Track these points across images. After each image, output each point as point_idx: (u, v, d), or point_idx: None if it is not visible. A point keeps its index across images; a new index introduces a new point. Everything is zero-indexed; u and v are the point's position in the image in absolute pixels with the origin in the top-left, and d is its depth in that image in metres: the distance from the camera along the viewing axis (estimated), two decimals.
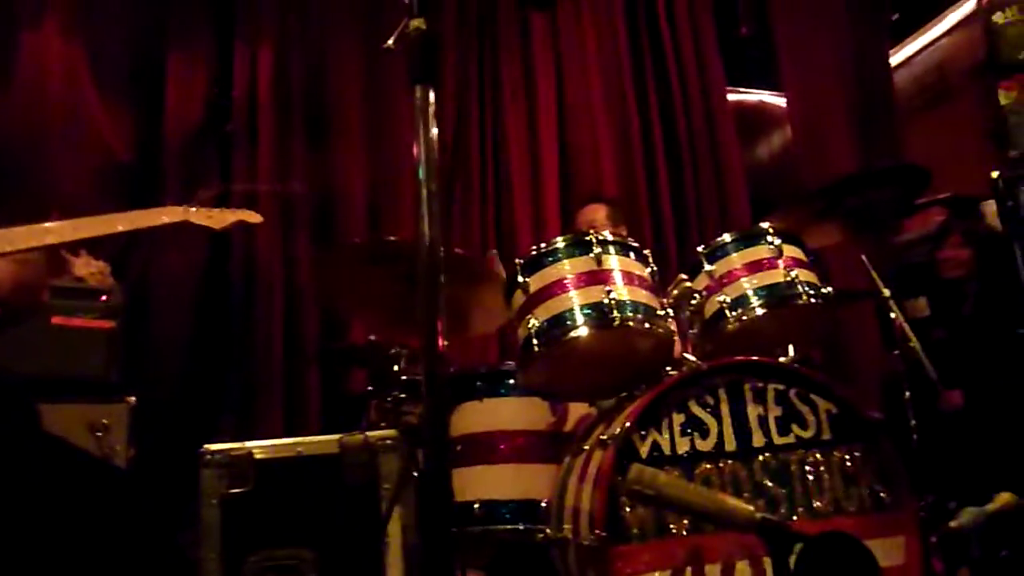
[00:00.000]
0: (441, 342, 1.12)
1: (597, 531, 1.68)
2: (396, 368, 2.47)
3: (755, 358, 1.91)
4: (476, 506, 2.24)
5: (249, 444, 1.53)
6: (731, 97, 4.96)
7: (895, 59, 4.70)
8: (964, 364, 3.08)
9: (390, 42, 1.04)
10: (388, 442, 1.56)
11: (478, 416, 2.36)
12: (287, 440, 1.61)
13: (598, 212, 3.19)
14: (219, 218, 1.78)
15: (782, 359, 1.93)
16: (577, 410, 2.36)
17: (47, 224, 1.49)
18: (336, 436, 1.53)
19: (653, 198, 4.12)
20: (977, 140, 4.16)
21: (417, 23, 1.00)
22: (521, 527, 2.20)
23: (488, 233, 3.78)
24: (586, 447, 1.99)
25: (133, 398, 2.44)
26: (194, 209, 1.75)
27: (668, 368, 2.08)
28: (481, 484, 2.28)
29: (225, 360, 3.24)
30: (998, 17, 2.76)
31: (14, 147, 3.21)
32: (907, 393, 2.44)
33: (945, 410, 3.01)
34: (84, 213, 2.86)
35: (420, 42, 1.00)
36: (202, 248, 3.25)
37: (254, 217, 1.90)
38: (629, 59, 4.34)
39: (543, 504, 2.15)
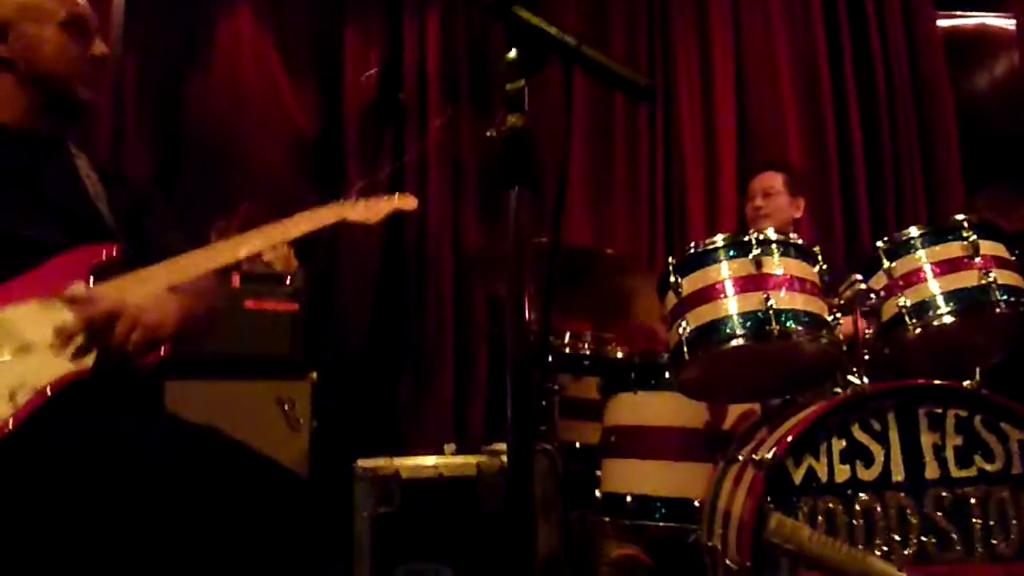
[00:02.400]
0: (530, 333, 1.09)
1: (742, 560, 1.63)
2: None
3: (933, 381, 1.72)
4: (628, 499, 2.25)
5: (396, 462, 1.62)
6: (944, 22, 4.36)
7: None
8: None
9: (491, 132, 1.01)
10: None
11: (632, 408, 2.35)
12: (430, 461, 1.69)
13: (774, 180, 2.95)
14: (375, 209, 1.80)
15: (966, 383, 1.71)
16: (737, 407, 2.27)
17: (211, 247, 1.54)
18: (475, 459, 1.58)
19: (843, 154, 3.76)
20: None
21: (514, 119, 0.97)
22: (674, 525, 2.18)
23: (657, 215, 3.64)
24: (740, 457, 1.91)
25: (315, 374, 2.66)
26: (351, 202, 1.78)
27: (837, 375, 1.94)
28: (633, 477, 2.28)
29: (401, 335, 3.44)
30: None
31: (214, 132, 3.52)
32: None
33: None
34: (275, 197, 3.14)
35: (514, 143, 0.96)
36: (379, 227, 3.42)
37: (409, 203, 1.92)
38: None
39: (696, 504, 2.12)
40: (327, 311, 3.35)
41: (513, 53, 1.01)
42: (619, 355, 2.73)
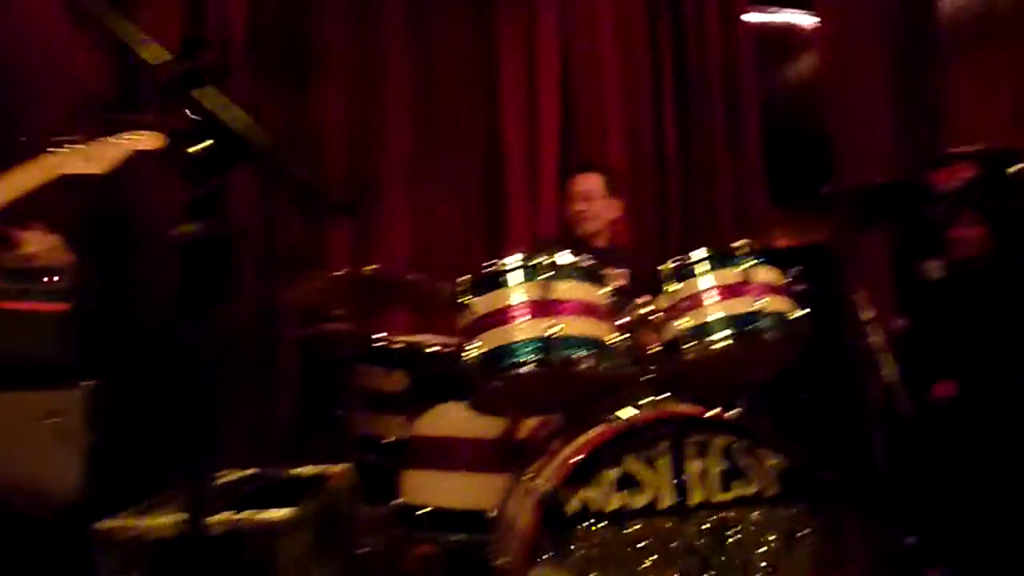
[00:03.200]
0: None
1: None
2: None
3: (700, 412, 1.80)
4: (424, 511, 2.24)
5: (143, 523, 1.48)
6: (755, 18, 4.54)
7: None
8: (962, 354, 2.91)
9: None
10: (288, 524, 1.50)
11: (432, 419, 2.33)
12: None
13: (593, 182, 2.96)
14: (103, 156, 1.55)
15: (729, 413, 1.80)
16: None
17: None
18: (229, 515, 1.48)
19: (659, 151, 3.85)
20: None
21: (191, 228, 0.84)
22: (467, 538, 2.19)
23: (479, 209, 3.58)
24: (527, 475, 1.94)
25: (92, 381, 2.42)
26: (74, 148, 1.52)
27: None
28: (431, 489, 2.28)
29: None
30: None
31: None
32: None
33: (936, 402, 2.88)
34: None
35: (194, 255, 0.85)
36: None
37: (151, 142, 1.67)
38: None
39: (490, 516, 2.13)
40: (119, 310, 3.05)
41: (200, 145, 0.86)
42: (435, 349, 2.69)
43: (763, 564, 1.77)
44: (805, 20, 4.62)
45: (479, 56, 3.66)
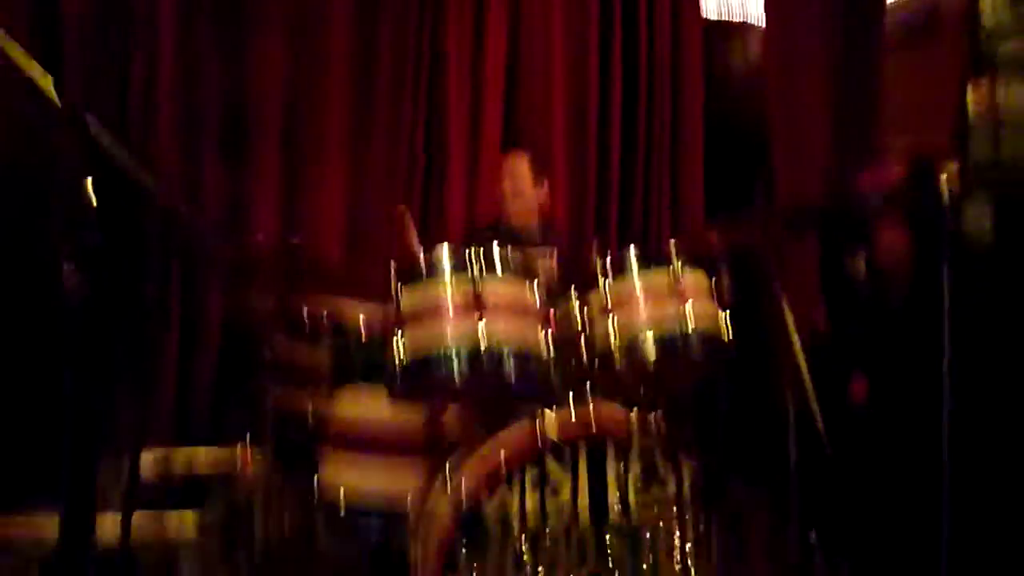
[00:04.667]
0: None
1: None
2: None
3: (621, 415, 1.82)
4: (343, 492, 2.21)
5: (34, 525, 1.40)
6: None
7: None
8: (879, 358, 3.00)
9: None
10: (191, 530, 1.45)
11: (354, 401, 2.28)
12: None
13: (521, 164, 2.95)
14: None
15: (649, 417, 1.82)
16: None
17: None
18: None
19: (602, 135, 3.83)
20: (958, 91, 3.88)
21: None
22: (383, 523, 2.17)
23: (415, 187, 3.49)
24: (447, 469, 1.92)
25: None
26: None
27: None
28: (349, 471, 2.24)
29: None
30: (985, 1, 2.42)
31: None
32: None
33: (851, 402, 2.97)
34: None
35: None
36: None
37: None
38: None
39: (408, 500, 2.11)
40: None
41: (93, 192, 0.78)
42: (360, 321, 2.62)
43: (677, 566, 1.80)
44: (755, 11, 4.63)
45: (424, 28, 3.54)
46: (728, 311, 2.05)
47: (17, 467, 2.15)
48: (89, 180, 0.82)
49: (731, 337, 2.01)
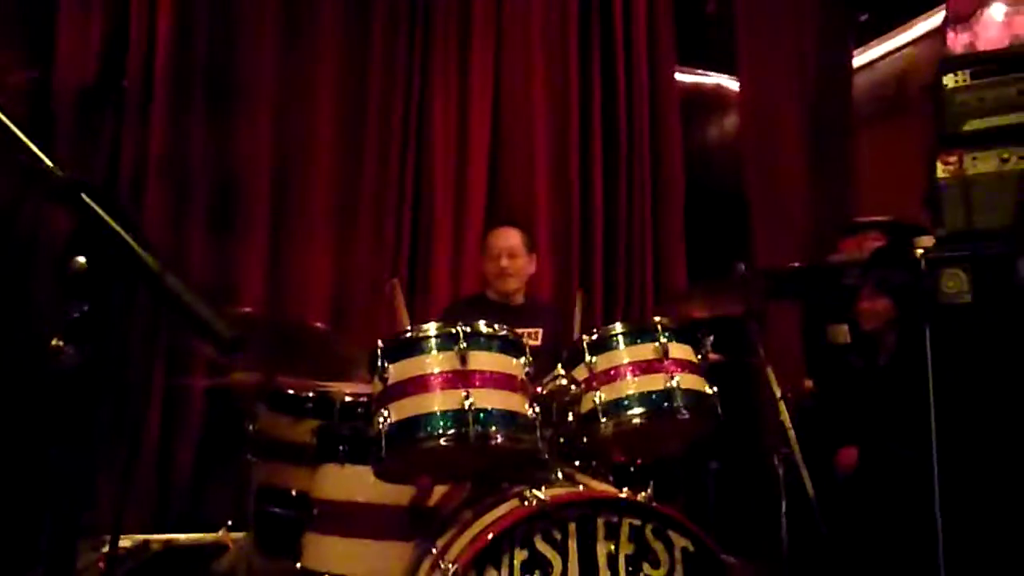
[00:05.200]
0: None
1: None
2: None
3: (611, 493, 1.80)
4: None
5: None
6: (688, 78, 4.68)
7: (858, 61, 4.44)
8: (868, 421, 3.00)
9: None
10: None
11: (338, 482, 2.24)
12: None
13: (513, 238, 2.96)
14: None
15: (640, 496, 1.80)
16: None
17: None
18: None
19: (585, 206, 3.90)
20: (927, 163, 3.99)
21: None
22: None
23: (401, 253, 3.52)
24: (435, 549, 1.88)
25: None
26: None
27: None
28: (333, 556, 2.18)
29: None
30: (948, 80, 2.52)
31: None
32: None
33: (839, 472, 2.96)
34: None
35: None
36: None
37: None
38: (576, 35, 4.00)
39: None
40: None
41: (82, 260, 0.79)
42: (345, 399, 2.60)
43: None
44: (730, 84, 4.79)
45: (411, 102, 3.63)
46: (716, 384, 2.07)
47: None
48: (80, 253, 0.81)
49: (718, 405, 2.02)
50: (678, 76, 4.36)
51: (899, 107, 4.27)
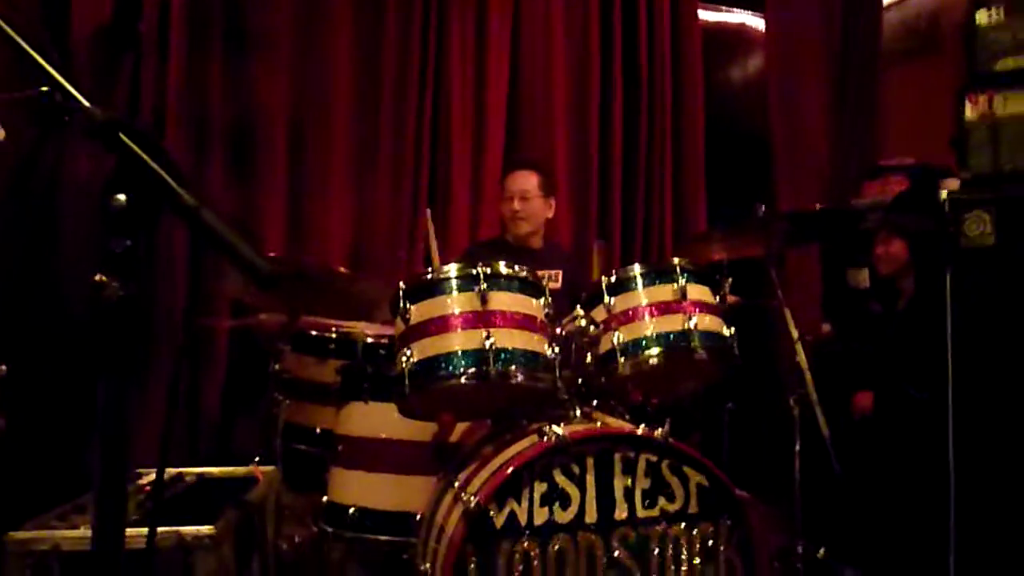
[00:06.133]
0: None
1: None
2: None
3: (628, 429, 1.84)
4: (351, 511, 2.23)
5: (57, 534, 1.45)
6: (711, 16, 4.57)
7: None
8: (884, 366, 3.02)
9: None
10: (205, 540, 1.48)
11: (362, 419, 2.30)
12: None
13: (529, 180, 2.95)
14: None
15: (657, 432, 1.83)
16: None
17: None
18: (145, 530, 1.44)
19: (604, 152, 3.86)
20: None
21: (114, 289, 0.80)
22: (392, 540, 2.19)
23: (420, 198, 3.50)
24: (457, 482, 1.94)
25: (3, 367, 2.31)
26: None
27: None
28: (358, 489, 2.26)
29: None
30: (981, 16, 2.45)
31: None
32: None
33: (855, 415, 2.99)
34: None
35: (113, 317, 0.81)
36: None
37: None
38: None
39: (417, 518, 2.13)
40: (36, 293, 2.90)
41: (122, 198, 0.82)
42: (368, 340, 2.65)
43: None
44: (755, 22, 4.67)
45: (429, 44, 3.57)
46: (734, 325, 2.08)
47: (38, 478, 2.18)
48: (120, 191, 0.84)
49: (736, 347, 2.04)
50: (701, 14, 4.25)
51: (931, 46, 4.15)
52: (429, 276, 1.94)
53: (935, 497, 2.33)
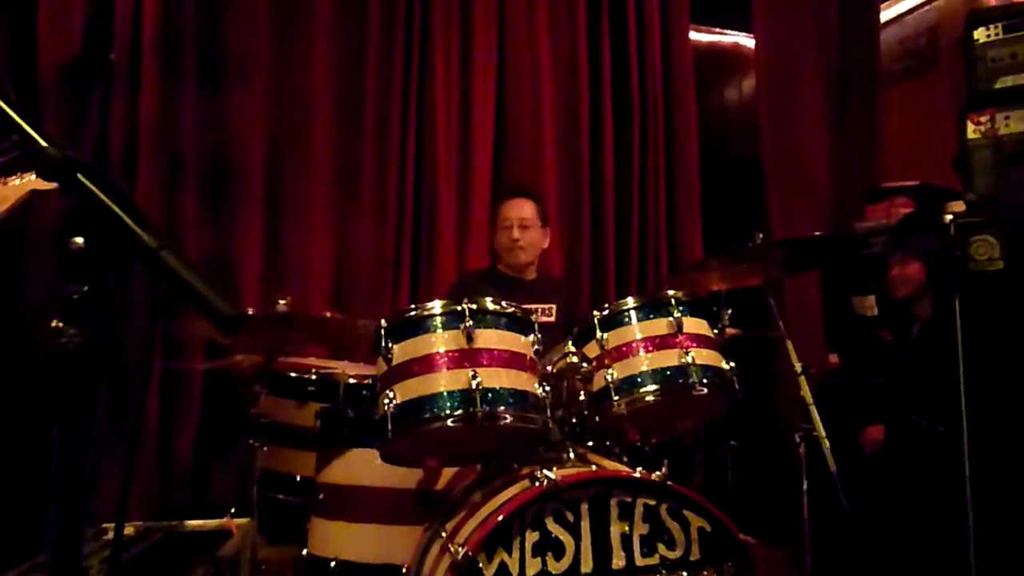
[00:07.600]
0: None
1: None
2: None
3: (625, 472, 1.72)
4: (333, 564, 2.09)
5: None
6: (703, 37, 4.52)
7: (885, 15, 4.26)
8: (898, 396, 2.89)
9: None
10: None
11: (344, 466, 2.18)
12: None
13: (526, 209, 2.86)
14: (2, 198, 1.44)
15: (655, 475, 1.72)
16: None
17: None
18: None
19: (595, 178, 3.77)
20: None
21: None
22: None
23: (404, 226, 3.41)
24: (444, 533, 1.82)
25: None
26: None
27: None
28: (340, 541, 2.13)
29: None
30: (979, 33, 2.38)
31: None
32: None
33: (865, 450, 2.86)
34: None
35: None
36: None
37: (43, 185, 1.56)
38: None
39: (403, 570, 2.01)
40: None
41: (80, 240, 0.77)
42: (350, 380, 2.54)
43: None
44: (749, 43, 4.62)
45: (411, 69, 3.49)
46: (733, 360, 1.98)
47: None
48: (77, 234, 0.78)
49: (735, 381, 1.94)
50: (692, 35, 4.18)
51: (929, 64, 4.09)
52: (412, 313, 1.84)
53: (952, 537, 2.19)
